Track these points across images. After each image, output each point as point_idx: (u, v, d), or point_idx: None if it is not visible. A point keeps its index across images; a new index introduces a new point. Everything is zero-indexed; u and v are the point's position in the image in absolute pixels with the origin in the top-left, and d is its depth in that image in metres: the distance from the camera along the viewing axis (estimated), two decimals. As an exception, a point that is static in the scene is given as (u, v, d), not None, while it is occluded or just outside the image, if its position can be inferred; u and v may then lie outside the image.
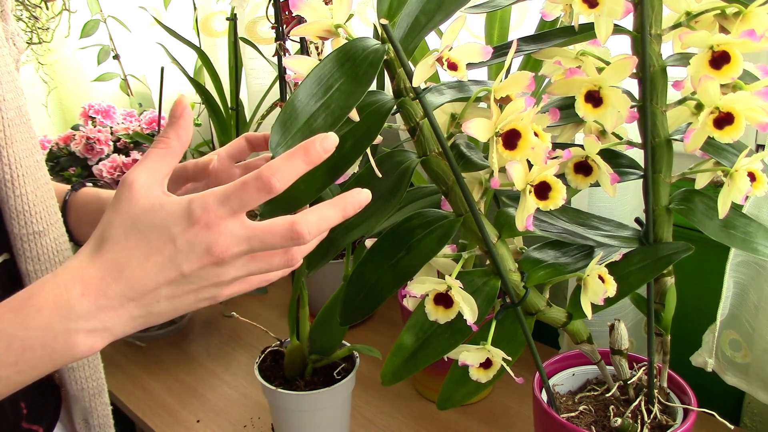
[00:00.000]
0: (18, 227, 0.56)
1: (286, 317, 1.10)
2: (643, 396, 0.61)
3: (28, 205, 0.56)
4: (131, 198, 0.43)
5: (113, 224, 0.43)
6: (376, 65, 0.44)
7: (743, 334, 0.76)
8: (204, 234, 0.41)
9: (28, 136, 0.56)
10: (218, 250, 0.42)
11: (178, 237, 0.42)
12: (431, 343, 0.55)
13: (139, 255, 0.42)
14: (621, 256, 0.57)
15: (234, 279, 0.44)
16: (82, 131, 1.15)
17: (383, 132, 0.48)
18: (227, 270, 0.43)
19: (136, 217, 0.43)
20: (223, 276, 0.43)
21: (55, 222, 0.59)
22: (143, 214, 0.43)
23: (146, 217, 0.42)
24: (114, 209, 0.44)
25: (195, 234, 0.41)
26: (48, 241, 0.58)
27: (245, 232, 0.42)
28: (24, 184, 0.55)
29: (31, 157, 0.56)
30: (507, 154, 0.45)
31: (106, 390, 0.66)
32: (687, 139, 0.49)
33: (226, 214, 0.41)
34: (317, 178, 0.48)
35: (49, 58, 1.46)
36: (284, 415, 0.78)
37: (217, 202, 0.41)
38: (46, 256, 0.58)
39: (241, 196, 0.41)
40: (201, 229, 0.41)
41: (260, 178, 0.41)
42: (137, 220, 0.43)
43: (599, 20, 0.48)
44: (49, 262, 0.58)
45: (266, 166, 0.41)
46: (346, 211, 0.44)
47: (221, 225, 0.41)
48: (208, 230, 0.41)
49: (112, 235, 0.43)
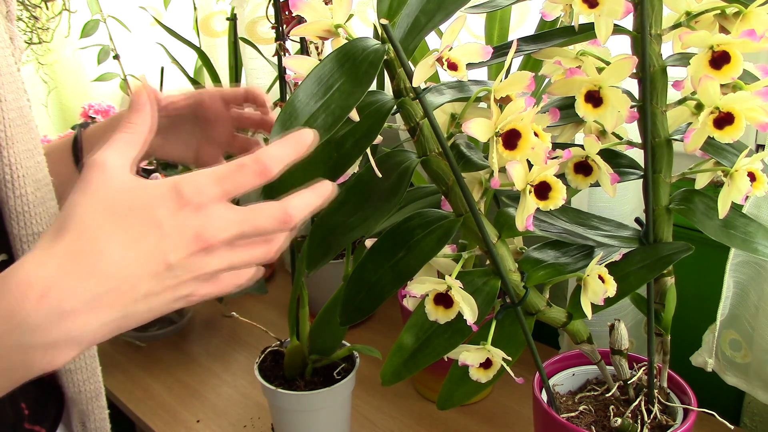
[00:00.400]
0: (18, 228, 0.55)
1: (286, 317, 1.09)
2: (643, 396, 0.61)
3: (28, 206, 0.56)
4: (104, 179, 0.38)
5: (81, 208, 0.37)
6: (376, 65, 0.44)
7: (743, 334, 0.76)
8: (194, 217, 0.37)
9: (29, 137, 0.56)
10: (209, 235, 0.37)
11: (165, 221, 0.37)
12: (431, 343, 0.55)
13: (117, 244, 0.36)
14: (621, 256, 0.57)
15: (215, 272, 0.40)
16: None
17: (383, 132, 0.48)
18: (212, 260, 0.39)
19: (111, 199, 0.37)
20: (206, 267, 0.39)
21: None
22: (120, 195, 0.37)
23: (124, 198, 0.37)
24: (82, 192, 0.38)
25: (185, 217, 0.37)
26: None
27: (236, 215, 0.39)
28: (24, 185, 0.55)
29: (32, 158, 0.56)
30: (507, 154, 0.45)
31: (104, 393, 0.66)
32: (687, 139, 0.49)
33: (218, 196, 0.38)
34: (318, 178, 0.48)
35: (49, 58, 1.46)
36: (284, 415, 0.78)
37: (209, 183, 0.38)
38: None
39: (237, 178, 0.39)
40: (191, 212, 0.37)
41: (258, 161, 0.39)
42: (113, 203, 0.37)
43: (599, 20, 0.48)
44: None
45: (263, 151, 0.39)
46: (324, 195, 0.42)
47: (212, 207, 0.38)
48: (198, 212, 0.37)
49: (81, 221, 0.36)
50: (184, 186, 0.37)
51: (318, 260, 0.53)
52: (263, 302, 1.20)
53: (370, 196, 0.52)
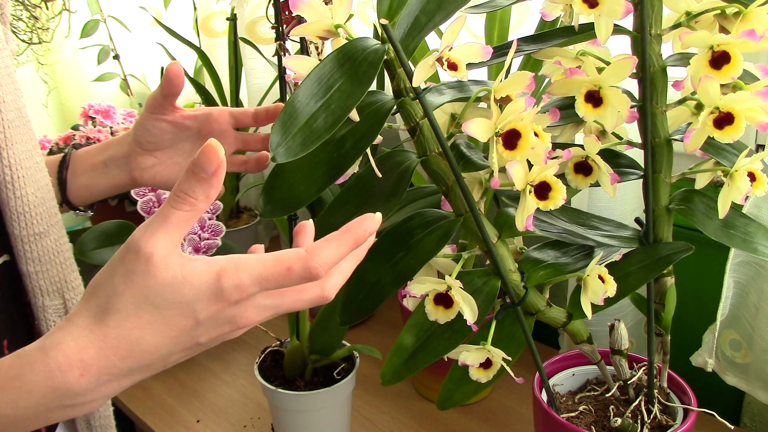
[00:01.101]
0: (18, 228, 0.56)
1: (286, 317, 1.10)
2: (643, 396, 0.61)
3: (28, 207, 0.56)
4: (148, 271, 0.38)
5: (122, 297, 0.38)
6: (376, 65, 0.44)
7: (743, 334, 0.76)
8: (231, 309, 0.39)
9: (27, 137, 0.56)
10: (242, 322, 0.40)
11: (201, 313, 0.39)
12: (431, 343, 0.55)
13: (154, 333, 0.39)
14: (621, 256, 0.57)
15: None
16: (82, 131, 1.15)
17: (383, 132, 0.48)
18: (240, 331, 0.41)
19: (152, 291, 0.38)
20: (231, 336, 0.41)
21: (55, 223, 0.59)
22: (162, 289, 0.38)
23: (165, 292, 0.38)
24: (124, 280, 0.38)
25: (221, 309, 0.39)
26: (49, 242, 0.58)
27: (272, 302, 0.40)
28: (24, 185, 0.55)
29: (31, 159, 0.56)
30: (507, 154, 0.45)
31: None
32: (687, 139, 0.49)
33: (258, 294, 0.39)
34: (318, 178, 0.48)
35: (49, 58, 1.46)
36: (284, 415, 0.78)
37: (253, 283, 0.38)
38: (47, 257, 0.58)
39: (281, 282, 0.39)
40: (229, 306, 0.39)
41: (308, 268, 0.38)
42: (153, 295, 0.38)
43: (599, 20, 0.48)
44: (50, 263, 0.58)
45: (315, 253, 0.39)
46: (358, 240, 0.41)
47: (250, 300, 0.39)
48: (237, 306, 0.39)
49: (120, 309, 0.38)
50: (226, 284, 0.38)
51: (318, 260, 0.53)
52: (263, 302, 1.20)
53: (370, 196, 0.52)
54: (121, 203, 1.12)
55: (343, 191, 0.54)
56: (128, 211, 1.11)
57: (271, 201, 0.47)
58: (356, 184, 0.53)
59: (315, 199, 0.48)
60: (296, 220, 0.82)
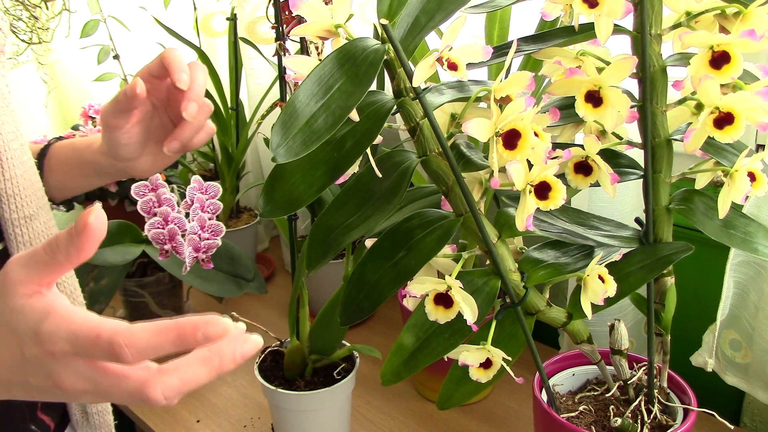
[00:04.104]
0: (9, 212, 0.55)
1: (286, 317, 1.10)
2: (643, 396, 0.61)
3: (18, 189, 0.55)
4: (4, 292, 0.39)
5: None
6: (376, 65, 0.44)
7: (743, 334, 0.76)
8: (49, 361, 0.38)
9: (11, 119, 0.55)
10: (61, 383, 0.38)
11: (26, 350, 0.38)
12: (431, 343, 0.55)
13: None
14: (621, 256, 0.57)
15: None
16: (82, 131, 1.15)
17: (383, 132, 0.48)
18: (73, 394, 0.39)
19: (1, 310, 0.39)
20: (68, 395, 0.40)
21: (43, 206, 0.58)
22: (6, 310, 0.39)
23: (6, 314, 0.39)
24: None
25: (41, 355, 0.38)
26: (38, 225, 0.57)
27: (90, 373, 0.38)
28: (13, 167, 0.54)
29: (16, 140, 0.55)
30: (507, 154, 0.45)
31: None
32: (687, 139, 0.49)
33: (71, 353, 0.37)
34: (318, 178, 0.48)
35: (49, 58, 1.46)
36: (284, 415, 0.78)
37: (65, 337, 0.37)
38: (37, 240, 0.57)
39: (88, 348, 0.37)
40: (47, 355, 0.38)
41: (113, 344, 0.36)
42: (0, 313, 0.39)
43: (599, 20, 0.48)
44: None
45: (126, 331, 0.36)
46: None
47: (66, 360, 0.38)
48: (54, 360, 0.38)
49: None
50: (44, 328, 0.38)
51: (318, 260, 0.54)
52: (263, 302, 1.20)
53: (370, 196, 0.52)
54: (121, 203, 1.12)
55: (343, 191, 0.54)
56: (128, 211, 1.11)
57: (271, 201, 0.47)
58: (356, 184, 0.53)
59: (315, 199, 0.48)
60: (296, 220, 0.83)
